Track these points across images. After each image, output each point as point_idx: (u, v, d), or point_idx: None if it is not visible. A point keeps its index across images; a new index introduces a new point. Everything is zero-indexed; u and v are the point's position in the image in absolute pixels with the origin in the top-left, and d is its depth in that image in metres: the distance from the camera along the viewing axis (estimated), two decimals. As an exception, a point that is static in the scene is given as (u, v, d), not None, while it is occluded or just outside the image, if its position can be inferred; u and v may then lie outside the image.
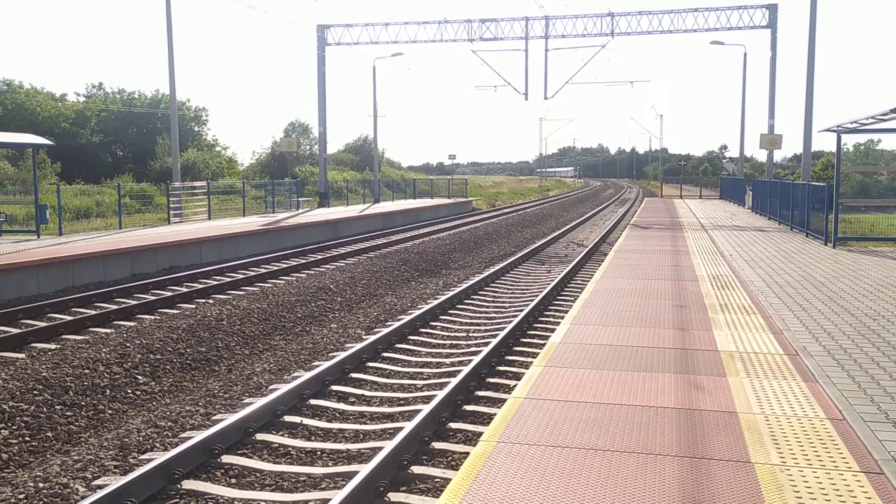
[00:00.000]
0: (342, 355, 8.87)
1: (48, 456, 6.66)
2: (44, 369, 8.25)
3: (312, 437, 6.83)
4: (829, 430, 4.92)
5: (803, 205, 19.92)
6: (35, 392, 7.69)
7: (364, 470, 5.38)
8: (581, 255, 19.20)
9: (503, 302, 13.55)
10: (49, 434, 7.06)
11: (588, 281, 12.26)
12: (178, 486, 5.62)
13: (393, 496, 5.41)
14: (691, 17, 33.90)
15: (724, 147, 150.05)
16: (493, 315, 12.35)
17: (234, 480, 5.86)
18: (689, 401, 5.51)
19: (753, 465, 4.32)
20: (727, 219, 26.73)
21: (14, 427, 6.99)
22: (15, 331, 10.67)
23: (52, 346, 9.82)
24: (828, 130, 17.31)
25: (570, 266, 16.78)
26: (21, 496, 5.57)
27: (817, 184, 19.79)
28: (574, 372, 6.32)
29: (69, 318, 11.59)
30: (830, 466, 4.31)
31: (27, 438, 6.89)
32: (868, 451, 4.54)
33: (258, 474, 5.95)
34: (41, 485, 5.72)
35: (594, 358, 6.79)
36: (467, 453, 5.79)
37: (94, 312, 11.87)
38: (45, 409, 7.44)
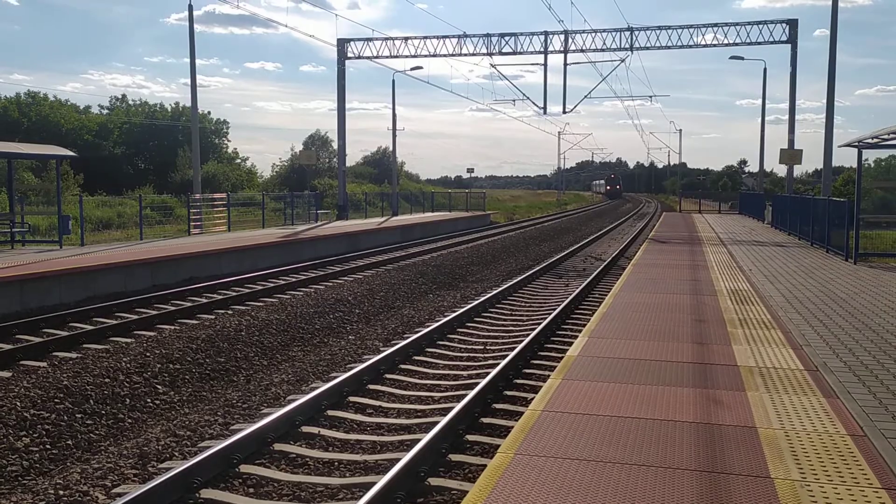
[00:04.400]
0: (360, 367, 8.90)
1: (69, 464, 6.72)
2: (65, 378, 8.34)
3: (330, 448, 6.85)
4: (850, 446, 4.88)
5: (823, 220, 19.78)
6: (56, 400, 7.76)
7: (381, 481, 5.38)
8: (599, 269, 19.15)
9: (521, 315, 13.54)
10: (69, 442, 7.12)
11: (606, 295, 12.23)
12: (197, 495, 5.65)
13: (410, 508, 5.42)
14: (711, 33, 33.90)
15: (744, 162, 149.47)
16: (511, 328, 12.34)
17: (252, 490, 5.88)
18: (707, 415, 5.48)
19: (773, 481, 4.29)
20: (746, 234, 26.57)
21: (35, 435, 7.06)
22: (37, 339, 10.79)
23: (74, 355, 9.92)
24: (848, 145, 17.23)
25: (588, 280, 16.74)
26: (41, 503, 5.63)
27: (838, 199, 19.65)
28: (592, 385, 6.31)
29: (90, 327, 11.70)
30: (851, 482, 4.27)
31: (48, 446, 6.95)
32: (889, 468, 4.49)
33: (276, 484, 5.98)
34: (61, 492, 5.78)
35: (612, 371, 6.77)
36: (484, 465, 5.78)
37: (114, 322, 11.98)
38: (65, 418, 7.51)
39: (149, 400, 8.44)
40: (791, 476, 4.36)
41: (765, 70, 45.04)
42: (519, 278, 17.37)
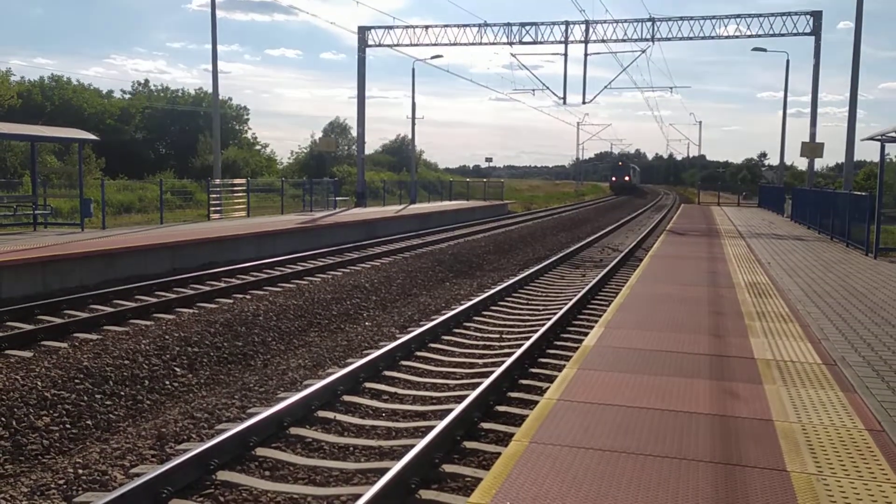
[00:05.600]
0: (376, 353, 8.93)
1: (88, 444, 6.81)
2: (85, 359, 8.43)
3: (345, 433, 6.89)
4: (868, 440, 4.85)
5: (844, 214, 19.60)
6: (76, 381, 7.86)
7: (396, 467, 5.42)
8: (616, 259, 19.09)
9: (537, 304, 13.53)
10: (89, 422, 7.21)
11: (623, 286, 12.19)
12: (214, 476, 5.70)
13: (424, 493, 5.45)
14: (733, 24, 33.61)
15: (764, 155, 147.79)
16: (527, 317, 12.34)
17: (267, 473, 5.94)
18: (724, 407, 5.47)
19: (789, 474, 4.27)
20: (765, 227, 26.38)
21: (56, 414, 7.15)
22: (58, 321, 10.90)
23: (94, 337, 10.02)
24: (871, 139, 17.05)
25: (605, 270, 16.70)
26: (61, 482, 5.71)
27: (859, 193, 19.46)
28: (608, 375, 6.30)
29: (111, 309, 11.80)
30: (868, 477, 4.25)
31: (68, 426, 7.04)
32: (907, 464, 4.46)
33: (291, 468, 6.02)
34: (81, 471, 5.86)
35: (628, 362, 6.76)
36: (499, 453, 5.79)
37: (134, 305, 12.08)
38: (85, 398, 7.60)
39: (167, 382, 8.52)
40: (808, 470, 4.34)
41: (787, 62, 44.46)
42: (536, 268, 17.35)
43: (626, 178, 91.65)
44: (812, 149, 32.04)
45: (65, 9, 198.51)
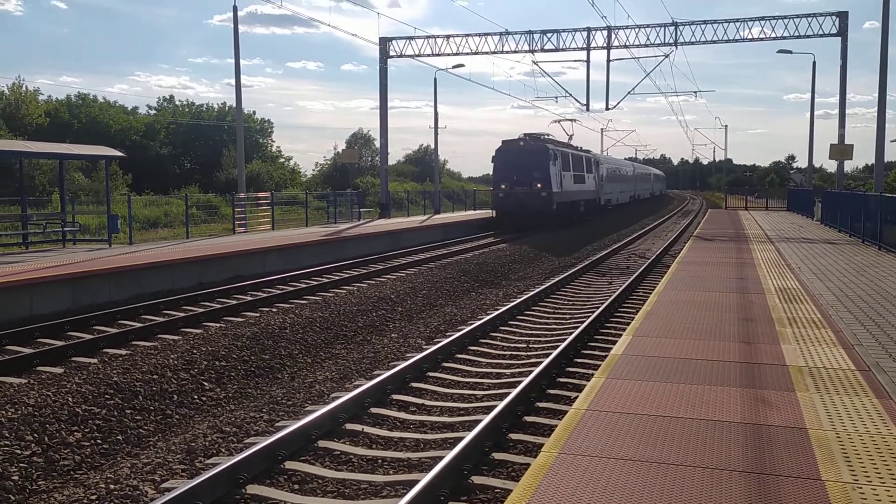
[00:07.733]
0: (403, 365, 8.92)
1: (119, 458, 6.86)
2: (115, 374, 8.51)
3: (374, 446, 6.88)
4: (905, 448, 4.75)
5: (875, 217, 19.32)
6: (106, 396, 7.93)
7: (425, 479, 5.39)
8: (643, 266, 18.95)
9: (563, 313, 13.45)
10: (119, 437, 7.27)
11: (650, 293, 12.09)
12: (243, 490, 5.72)
13: (453, 506, 5.42)
14: (758, 26, 33.34)
15: (792, 157, 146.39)
16: (554, 326, 12.27)
17: (297, 486, 5.94)
18: (756, 416, 5.39)
19: (824, 483, 4.20)
20: (795, 231, 26.08)
21: (86, 430, 7.22)
22: (88, 336, 11.02)
23: (123, 352, 10.11)
24: (901, 140, 16.79)
25: (632, 278, 16.58)
26: (93, 497, 5.75)
27: (890, 195, 19.18)
28: (636, 384, 6.24)
29: (139, 324, 11.91)
30: (906, 486, 4.16)
31: (99, 441, 7.10)
32: (946, 471, 4.36)
33: (320, 481, 6.02)
34: (112, 486, 5.90)
35: (657, 370, 6.69)
36: (528, 464, 5.75)
37: (162, 319, 12.18)
38: (115, 413, 7.67)
39: (196, 396, 8.57)
40: (843, 478, 4.26)
41: (814, 64, 43.85)
42: (561, 276, 17.27)
43: (538, 186, 33.07)
44: (841, 150, 31.66)
45: (90, 28, 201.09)
